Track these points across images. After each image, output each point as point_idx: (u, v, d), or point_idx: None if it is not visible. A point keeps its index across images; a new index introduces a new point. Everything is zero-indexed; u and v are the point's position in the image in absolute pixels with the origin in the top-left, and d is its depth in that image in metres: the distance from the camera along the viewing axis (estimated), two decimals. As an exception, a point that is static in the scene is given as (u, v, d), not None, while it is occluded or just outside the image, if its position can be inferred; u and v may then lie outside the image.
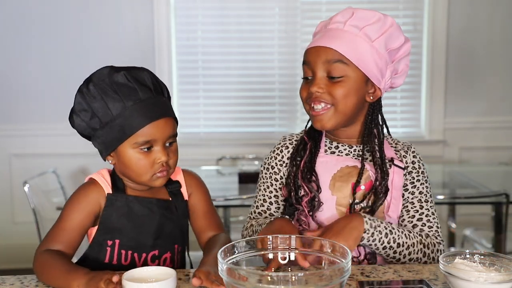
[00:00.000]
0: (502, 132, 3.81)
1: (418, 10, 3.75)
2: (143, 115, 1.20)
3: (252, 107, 3.86)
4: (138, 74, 1.24)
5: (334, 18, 1.37)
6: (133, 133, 1.20)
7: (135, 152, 1.22)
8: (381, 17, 1.34)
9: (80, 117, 1.23)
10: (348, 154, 1.42)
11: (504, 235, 2.69)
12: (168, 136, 1.24)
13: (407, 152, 1.44)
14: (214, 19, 3.77)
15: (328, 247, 1.10)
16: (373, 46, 1.33)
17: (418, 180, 1.42)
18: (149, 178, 1.24)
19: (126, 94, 1.20)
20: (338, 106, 1.34)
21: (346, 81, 1.33)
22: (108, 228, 1.25)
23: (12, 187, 3.72)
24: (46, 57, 3.63)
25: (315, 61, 1.34)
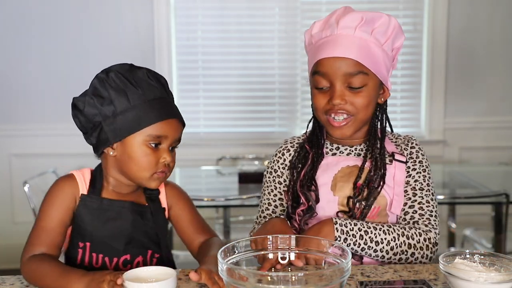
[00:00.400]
0: (502, 132, 3.81)
1: (418, 10, 3.75)
2: (160, 110, 1.21)
3: (252, 107, 3.86)
4: (158, 75, 1.27)
5: (342, 22, 1.32)
6: (149, 125, 1.20)
7: (143, 146, 1.21)
8: (386, 18, 1.33)
9: (94, 101, 1.21)
10: (350, 153, 1.42)
11: (504, 235, 2.69)
12: (177, 138, 1.26)
13: (407, 144, 1.44)
14: (214, 19, 3.77)
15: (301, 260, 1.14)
16: (383, 49, 1.33)
17: (414, 169, 1.40)
18: (149, 176, 1.23)
19: (145, 89, 1.21)
20: (359, 116, 1.35)
21: (366, 91, 1.33)
22: (80, 229, 1.24)
23: (12, 187, 3.72)
24: (46, 57, 3.63)
25: (334, 73, 1.31)
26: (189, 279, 1.19)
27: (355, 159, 1.40)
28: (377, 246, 1.29)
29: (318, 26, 1.38)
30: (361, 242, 1.28)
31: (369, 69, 1.31)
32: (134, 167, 1.23)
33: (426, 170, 1.41)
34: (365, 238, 1.28)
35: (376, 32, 1.32)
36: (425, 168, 1.41)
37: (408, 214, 1.36)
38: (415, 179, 1.39)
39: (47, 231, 1.21)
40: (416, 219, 1.35)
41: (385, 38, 1.33)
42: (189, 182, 3.40)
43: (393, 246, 1.29)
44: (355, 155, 1.42)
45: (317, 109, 1.37)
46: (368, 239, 1.28)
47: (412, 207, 1.36)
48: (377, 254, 1.30)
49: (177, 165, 4.03)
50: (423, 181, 1.39)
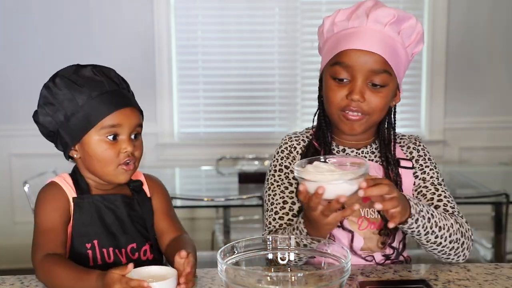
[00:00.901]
0: (502, 132, 3.81)
1: (418, 10, 3.75)
2: (109, 103, 1.21)
3: (252, 107, 3.86)
4: (105, 69, 1.27)
5: (373, 15, 1.25)
6: (99, 120, 1.20)
7: (100, 142, 1.21)
8: (414, 21, 1.28)
9: (46, 110, 1.24)
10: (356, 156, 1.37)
11: (504, 235, 2.69)
12: (134, 125, 1.24)
13: (415, 143, 1.42)
14: (214, 19, 3.77)
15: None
16: (406, 52, 1.30)
17: (427, 166, 1.38)
18: (113, 170, 1.23)
19: (92, 86, 1.22)
20: (373, 117, 1.30)
21: (386, 91, 1.28)
22: (82, 233, 1.24)
23: (12, 187, 3.72)
24: (46, 57, 3.63)
25: (358, 67, 1.25)
26: (189, 279, 1.19)
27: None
28: (439, 232, 1.22)
29: (344, 15, 1.29)
30: (428, 226, 1.20)
31: (393, 70, 1.27)
32: (98, 164, 1.23)
33: (437, 167, 1.39)
34: (431, 221, 1.21)
35: (403, 33, 1.28)
36: (435, 165, 1.40)
37: (440, 207, 1.31)
38: (430, 175, 1.37)
39: (51, 231, 1.21)
40: (451, 211, 1.31)
41: (409, 41, 1.29)
42: (189, 182, 3.41)
43: (451, 232, 1.24)
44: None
45: (332, 102, 1.29)
46: (434, 223, 1.21)
47: (441, 201, 1.33)
48: (436, 241, 1.23)
49: (177, 165, 4.01)
50: (438, 177, 1.37)
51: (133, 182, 1.33)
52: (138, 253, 1.28)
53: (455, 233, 1.25)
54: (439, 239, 1.23)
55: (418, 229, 1.20)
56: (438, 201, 1.33)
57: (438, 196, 1.33)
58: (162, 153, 3.78)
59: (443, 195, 1.34)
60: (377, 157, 1.38)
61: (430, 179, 1.36)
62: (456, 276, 1.22)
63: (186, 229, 1.38)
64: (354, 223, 1.32)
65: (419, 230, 1.20)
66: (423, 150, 1.41)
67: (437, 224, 1.22)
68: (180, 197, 2.66)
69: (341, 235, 1.32)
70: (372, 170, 1.33)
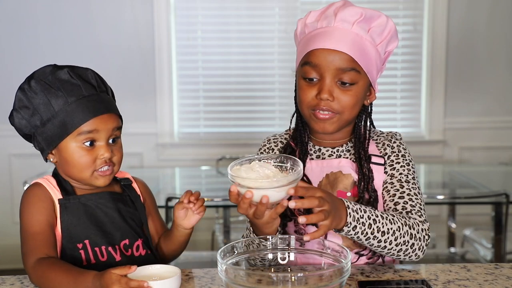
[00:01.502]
0: (502, 132, 3.81)
1: (418, 10, 3.75)
2: (85, 110, 1.19)
3: (252, 107, 3.86)
4: (82, 71, 1.24)
5: (340, 15, 1.27)
6: (75, 128, 1.19)
7: (77, 148, 1.21)
8: (384, 19, 1.30)
9: (21, 114, 1.23)
10: (331, 155, 1.37)
11: (504, 235, 2.69)
12: (112, 129, 1.23)
13: (390, 140, 1.39)
14: (214, 19, 3.77)
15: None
16: (377, 50, 1.30)
17: (398, 162, 1.35)
18: (89, 175, 1.22)
19: (69, 90, 1.20)
20: (344, 115, 1.30)
21: (355, 89, 1.29)
22: (72, 234, 1.23)
23: (12, 187, 3.73)
24: (46, 57, 3.61)
25: (326, 65, 1.27)
26: (189, 279, 1.20)
27: (338, 163, 1.35)
28: (383, 237, 1.20)
29: (314, 16, 1.32)
30: (369, 231, 1.19)
31: (362, 67, 1.28)
32: (73, 170, 1.23)
33: (410, 165, 1.37)
34: (373, 227, 1.19)
35: (373, 31, 1.29)
36: (409, 162, 1.37)
37: (399, 205, 1.30)
38: (399, 172, 1.34)
39: (41, 234, 1.19)
40: (408, 209, 1.29)
41: (380, 38, 1.30)
42: (189, 182, 3.41)
43: (397, 236, 1.22)
44: (337, 156, 1.37)
45: (302, 101, 1.33)
46: (376, 229, 1.19)
47: (402, 198, 1.31)
48: (379, 245, 1.22)
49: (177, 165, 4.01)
50: (408, 175, 1.35)
51: (123, 179, 1.34)
52: (131, 249, 1.28)
53: (401, 236, 1.22)
54: (382, 243, 1.21)
55: (357, 235, 1.19)
56: (399, 197, 1.31)
57: (401, 193, 1.31)
58: (162, 153, 3.78)
59: (407, 193, 1.31)
60: (351, 155, 1.38)
61: (399, 176, 1.34)
62: (456, 276, 1.22)
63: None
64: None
65: (358, 236, 1.19)
66: (398, 146, 1.38)
67: (380, 229, 1.20)
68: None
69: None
70: (346, 167, 1.34)
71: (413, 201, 1.30)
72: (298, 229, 1.34)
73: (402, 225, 1.23)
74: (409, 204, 1.29)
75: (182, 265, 2.12)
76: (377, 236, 1.20)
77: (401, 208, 1.29)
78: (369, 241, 1.21)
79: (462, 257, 3.28)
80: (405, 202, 1.30)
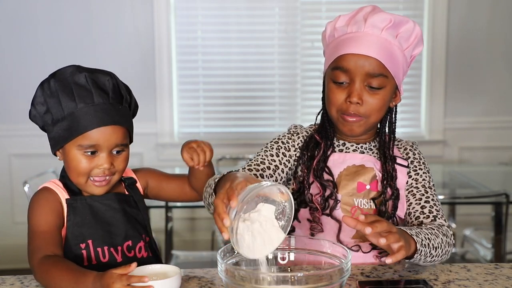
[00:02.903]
0: (502, 132, 3.81)
1: (418, 10, 3.75)
2: (91, 119, 1.20)
3: (252, 107, 3.86)
4: (100, 77, 1.23)
5: (370, 20, 1.31)
6: (79, 134, 1.20)
7: (78, 154, 1.22)
8: (412, 25, 1.34)
9: (36, 109, 1.25)
10: (355, 150, 1.42)
11: (504, 235, 2.69)
12: (113, 145, 1.23)
13: (412, 146, 1.47)
14: (214, 19, 3.77)
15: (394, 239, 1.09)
16: (404, 54, 1.34)
17: (421, 169, 1.43)
18: (84, 182, 1.24)
19: (80, 96, 1.20)
20: (371, 118, 1.36)
21: (383, 93, 1.34)
22: (76, 234, 1.24)
23: (12, 187, 3.72)
24: (46, 57, 3.63)
25: (356, 70, 1.31)
26: (190, 279, 1.20)
27: (361, 158, 1.41)
28: (435, 252, 1.25)
29: (344, 21, 1.36)
30: (427, 251, 1.22)
31: (390, 72, 1.32)
32: (71, 173, 1.24)
33: (430, 173, 1.45)
34: (429, 245, 1.23)
35: (401, 36, 1.32)
36: (429, 170, 1.45)
37: (426, 208, 1.36)
38: (423, 178, 1.42)
39: (48, 233, 1.21)
40: (435, 213, 1.36)
41: (407, 44, 1.34)
42: (189, 182, 3.40)
43: (443, 248, 1.28)
44: (360, 152, 1.42)
45: (333, 104, 1.36)
46: (431, 246, 1.24)
47: (428, 202, 1.38)
48: (431, 260, 1.26)
49: (177, 165, 4.01)
50: (430, 181, 1.43)
51: (127, 179, 1.35)
52: (134, 251, 1.29)
53: (444, 247, 1.29)
54: (434, 257, 1.27)
55: (420, 257, 1.22)
56: (425, 202, 1.38)
57: (426, 198, 1.39)
58: (162, 153, 3.78)
59: (431, 198, 1.39)
60: (375, 153, 1.43)
61: (422, 181, 1.42)
62: (456, 276, 1.22)
63: (186, 229, 1.39)
64: (347, 212, 1.36)
65: (420, 258, 1.22)
66: (419, 154, 1.47)
67: (434, 245, 1.25)
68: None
69: (329, 225, 1.36)
70: (369, 163, 1.40)
71: (437, 206, 1.38)
72: (313, 217, 1.37)
73: (442, 236, 1.29)
74: (434, 208, 1.37)
75: (182, 265, 2.12)
76: (432, 253, 1.25)
77: (428, 212, 1.36)
78: (425, 258, 1.24)
79: (462, 257, 3.28)
80: (431, 207, 1.37)
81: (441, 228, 1.32)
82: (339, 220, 1.35)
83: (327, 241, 1.14)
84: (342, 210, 1.36)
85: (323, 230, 1.36)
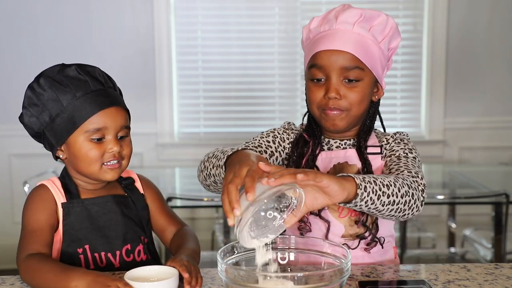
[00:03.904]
0: (502, 132, 3.81)
1: (418, 10, 3.75)
2: (93, 104, 1.21)
3: (252, 107, 3.86)
4: (90, 68, 1.26)
5: (341, 17, 1.34)
6: (83, 121, 1.20)
7: (86, 142, 1.21)
8: (384, 17, 1.35)
9: (30, 111, 1.23)
10: (339, 146, 1.42)
11: (504, 235, 2.69)
12: (120, 126, 1.24)
13: (392, 137, 1.41)
14: (214, 19, 3.77)
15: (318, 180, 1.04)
16: (380, 47, 1.35)
17: (398, 146, 1.38)
18: (98, 169, 1.23)
19: (76, 86, 1.21)
20: (352, 111, 1.35)
21: (361, 86, 1.34)
22: (73, 238, 1.23)
23: (12, 187, 3.72)
24: (46, 57, 3.63)
25: (331, 66, 1.32)
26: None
27: (344, 154, 1.40)
28: (389, 190, 1.17)
29: (317, 21, 1.39)
30: (377, 189, 1.15)
31: (365, 65, 1.33)
32: (82, 164, 1.23)
33: (413, 150, 1.38)
34: (378, 183, 1.16)
35: (374, 29, 1.34)
36: (411, 149, 1.38)
37: (394, 169, 1.31)
38: (399, 152, 1.36)
39: (37, 231, 1.20)
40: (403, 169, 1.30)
41: (382, 36, 1.35)
42: (189, 182, 3.41)
43: (399, 186, 1.19)
44: (343, 148, 1.41)
45: (312, 102, 1.38)
46: (380, 184, 1.16)
47: (398, 165, 1.32)
48: (389, 200, 1.17)
49: (177, 165, 4.01)
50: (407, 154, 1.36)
51: (125, 180, 1.34)
52: (133, 254, 1.28)
53: (402, 186, 1.20)
54: (392, 197, 1.18)
55: (370, 196, 1.15)
56: (395, 165, 1.32)
57: (397, 163, 1.33)
58: (162, 153, 3.78)
59: (403, 163, 1.32)
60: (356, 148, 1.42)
61: (397, 153, 1.36)
62: (456, 276, 1.22)
63: (186, 229, 1.38)
64: (334, 211, 1.35)
65: (371, 197, 1.15)
66: (401, 138, 1.41)
67: (383, 183, 1.17)
68: (180, 197, 2.66)
69: (318, 225, 1.36)
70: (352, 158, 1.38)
71: (408, 168, 1.30)
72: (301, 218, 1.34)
73: (395, 177, 1.21)
74: (406, 170, 1.29)
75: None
76: (385, 191, 1.17)
77: (395, 171, 1.30)
78: (380, 200, 1.16)
79: (462, 257, 3.29)
80: (399, 167, 1.30)
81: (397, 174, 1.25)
82: (327, 220, 1.35)
83: (327, 241, 1.14)
84: (330, 210, 1.36)
85: (311, 230, 1.36)
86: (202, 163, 1.35)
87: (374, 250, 1.36)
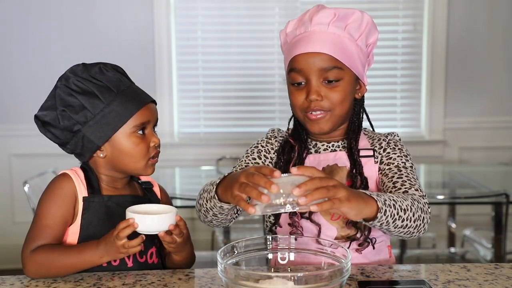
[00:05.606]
0: (502, 132, 3.81)
1: (418, 10, 3.75)
2: (135, 99, 1.25)
3: (252, 107, 3.86)
4: (113, 66, 1.29)
5: (315, 18, 1.34)
6: (131, 116, 1.23)
7: (132, 137, 1.24)
8: (359, 14, 1.34)
9: (67, 112, 1.22)
10: (326, 149, 1.41)
11: (504, 235, 2.69)
12: (157, 118, 1.30)
13: (386, 137, 1.41)
14: (214, 19, 3.77)
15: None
16: (357, 44, 1.34)
17: (395, 153, 1.38)
18: (145, 164, 1.26)
19: (111, 82, 1.23)
20: (335, 111, 1.34)
21: (342, 85, 1.33)
22: (90, 233, 1.23)
23: (12, 187, 3.72)
24: (46, 57, 3.63)
25: (309, 68, 1.31)
26: (190, 279, 1.20)
27: (333, 156, 1.39)
28: (405, 215, 1.18)
29: (292, 25, 1.39)
30: (395, 212, 1.16)
31: (344, 64, 1.32)
32: (129, 160, 1.24)
33: (408, 157, 1.38)
34: (397, 207, 1.17)
35: (350, 27, 1.33)
36: (407, 155, 1.39)
37: (398, 183, 1.31)
38: (397, 160, 1.37)
39: (49, 227, 1.20)
40: (407, 186, 1.30)
41: (358, 33, 1.34)
42: (189, 182, 3.41)
43: (414, 211, 1.21)
44: (332, 151, 1.40)
45: (295, 106, 1.37)
46: (398, 208, 1.17)
47: (400, 178, 1.32)
48: (403, 224, 1.19)
49: (177, 165, 4.01)
50: (405, 163, 1.36)
51: (144, 183, 1.36)
52: (146, 256, 1.28)
53: (416, 211, 1.21)
54: (405, 221, 1.20)
55: (387, 219, 1.16)
56: (398, 178, 1.32)
57: (400, 175, 1.33)
58: (162, 153, 3.72)
59: (405, 175, 1.33)
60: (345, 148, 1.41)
61: (395, 162, 1.36)
62: (456, 276, 1.22)
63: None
64: (326, 214, 1.35)
65: (387, 221, 1.17)
66: (394, 142, 1.41)
67: (401, 207, 1.18)
68: (180, 197, 2.66)
69: (309, 228, 1.35)
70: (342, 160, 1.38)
71: (411, 181, 1.32)
72: (292, 222, 1.36)
73: (412, 201, 1.22)
74: (408, 183, 1.31)
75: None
76: (402, 215, 1.18)
77: (400, 185, 1.30)
78: (395, 223, 1.18)
79: (462, 257, 3.29)
80: (403, 181, 1.31)
81: (411, 195, 1.26)
82: (318, 223, 1.34)
83: (327, 241, 1.14)
84: (321, 213, 1.35)
85: (303, 234, 1.35)
86: (197, 202, 1.34)
87: (367, 251, 1.35)
